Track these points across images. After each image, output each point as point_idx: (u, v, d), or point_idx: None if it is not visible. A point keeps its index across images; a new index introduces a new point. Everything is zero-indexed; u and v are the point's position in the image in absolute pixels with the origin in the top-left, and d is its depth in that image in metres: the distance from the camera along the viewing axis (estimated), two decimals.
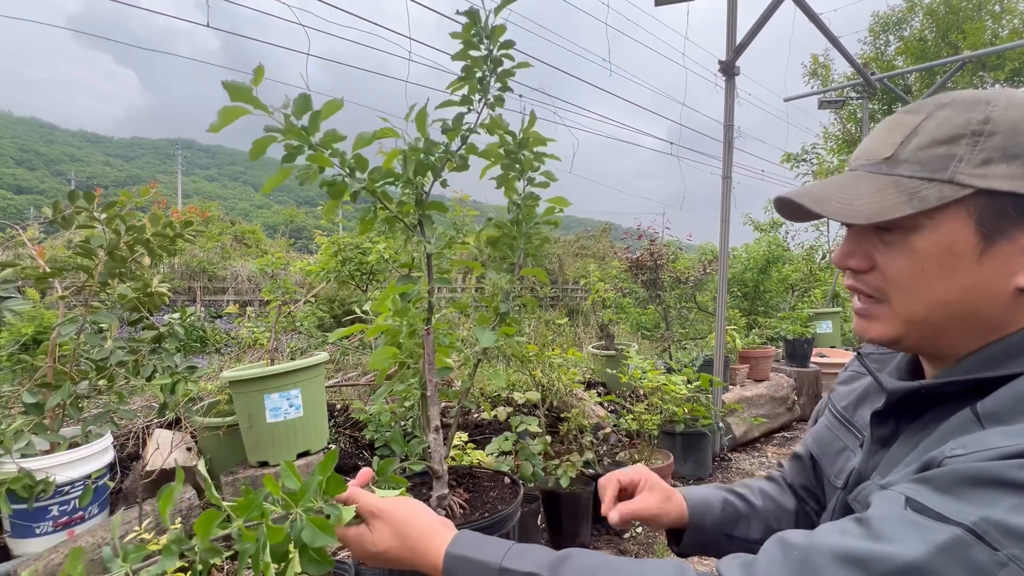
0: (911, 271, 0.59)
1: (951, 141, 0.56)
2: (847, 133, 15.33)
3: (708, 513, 0.89)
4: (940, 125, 0.57)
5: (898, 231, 0.59)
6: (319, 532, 0.72)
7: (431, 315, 1.36)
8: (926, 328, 0.61)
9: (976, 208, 0.55)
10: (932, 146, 0.57)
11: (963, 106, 0.57)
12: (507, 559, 0.65)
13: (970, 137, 0.55)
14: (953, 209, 0.56)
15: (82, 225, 2.18)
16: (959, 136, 0.56)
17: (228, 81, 0.90)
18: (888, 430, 0.68)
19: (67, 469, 2.13)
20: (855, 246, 0.64)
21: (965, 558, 0.43)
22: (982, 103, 0.56)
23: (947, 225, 0.56)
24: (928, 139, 0.58)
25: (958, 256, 0.56)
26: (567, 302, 12.45)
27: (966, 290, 0.57)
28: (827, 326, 6.62)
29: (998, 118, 0.54)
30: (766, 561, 0.54)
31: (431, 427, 1.36)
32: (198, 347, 6.14)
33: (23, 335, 2.81)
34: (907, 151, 0.59)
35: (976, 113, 0.56)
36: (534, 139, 1.39)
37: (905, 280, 0.60)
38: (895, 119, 0.62)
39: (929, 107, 0.60)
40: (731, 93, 4.04)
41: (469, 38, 1.29)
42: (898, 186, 0.58)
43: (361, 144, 1.11)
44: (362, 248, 4.09)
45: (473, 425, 3.70)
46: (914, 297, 0.60)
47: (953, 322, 0.59)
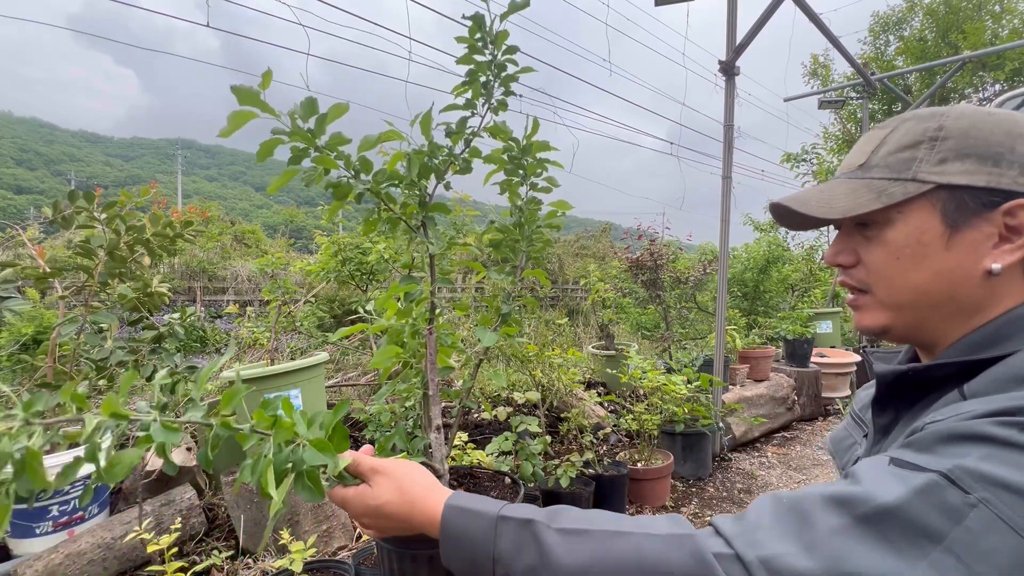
0: (888, 261, 0.66)
1: (912, 146, 0.65)
2: (847, 133, 15.33)
3: None
4: (904, 135, 0.67)
5: (875, 227, 0.67)
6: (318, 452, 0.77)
7: (434, 315, 1.36)
8: (909, 314, 0.67)
9: (939, 201, 0.63)
10: (897, 151, 0.66)
11: (922, 119, 0.67)
12: (505, 509, 0.70)
13: (928, 142, 0.64)
14: (918, 203, 0.64)
15: (82, 225, 2.18)
16: (919, 142, 0.65)
17: (237, 85, 0.91)
18: (888, 418, 0.72)
19: None
20: (843, 244, 0.72)
21: (939, 499, 0.47)
22: (937, 115, 0.65)
23: (915, 217, 0.64)
24: (894, 146, 0.67)
25: (927, 245, 0.64)
26: (567, 302, 12.45)
27: (939, 275, 0.64)
28: (827, 326, 6.62)
29: (950, 126, 0.64)
30: (756, 509, 0.57)
31: (433, 426, 1.36)
32: (198, 347, 6.14)
33: (23, 335, 2.81)
34: (877, 158, 0.68)
35: (932, 123, 0.65)
36: (537, 146, 1.40)
37: (884, 270, 0.67)
38: (869, 135, 0.72)
39: (895, 122, 0.70)
40: (731, 93, 4.04)
41: (473, 42, 1.29)
42: (870, 186, 0.67)
43: (366, 147, 1.12)
44: (362, 248, 4.09)
45: (473, 425, 3.70)
46: (893, 285, 0.67)
47: (933, 308, 0.66)
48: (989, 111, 0.64)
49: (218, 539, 2.52)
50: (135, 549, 2.21)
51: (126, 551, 2.19)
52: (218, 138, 0.96)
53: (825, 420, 5.64)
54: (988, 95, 13.67)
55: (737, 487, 3.86)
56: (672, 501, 3.58)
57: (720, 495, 3.72)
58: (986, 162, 0.61)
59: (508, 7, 1.30)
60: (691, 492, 3.74)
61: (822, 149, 15.64)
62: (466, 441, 2.85)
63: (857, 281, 0.71)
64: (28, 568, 1.98)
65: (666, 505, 3.50)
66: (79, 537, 2.13)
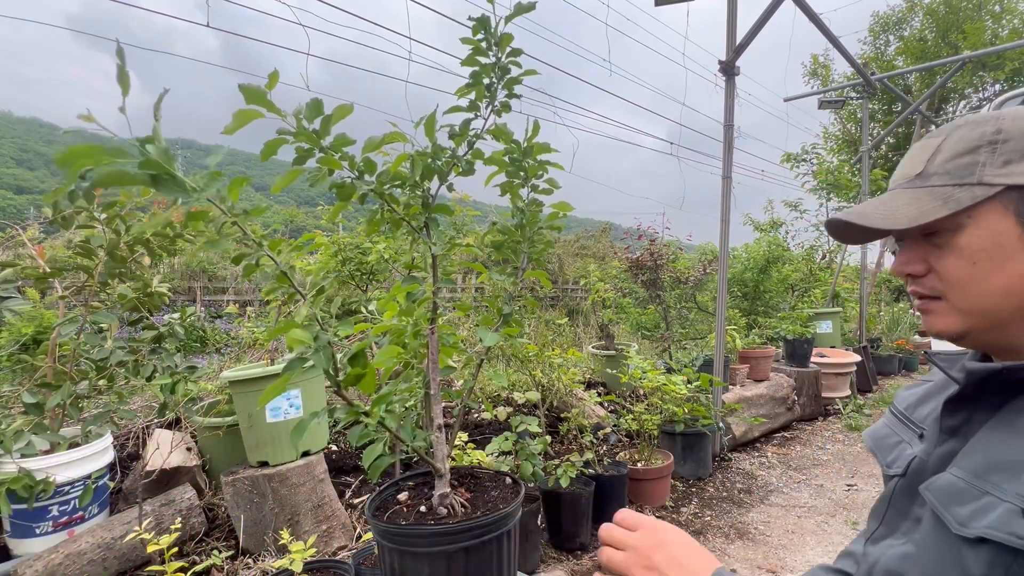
0: (964, 267, 0.64)
1: (972, 151, 0.64)
2: (847, 133, 15.33)
3: None
4: (959, 141, 0.66)
5: (944, 234, 0.65)
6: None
7: (436, 315, 1.36)
8: (990, 319, 0.65)
9: (1011, 202, 0.61)
10: (956, 157, 0.65)
11: (976, 123, 0.66)
12: None
13: (988, 146, 0.63)
14: (988, 206, 0.62)
15: (82, 225, 2.18)
16: (978, 147, 0.64)
17: (245, 84, 0.91)
18: (958, 420, 0.69)
19: (67, 469, 2.13)
20: (910, 254, 0.70)
21: None
22: (992, 119, 0.64)
23: (987, 221, 0.62)
24: (951, 153, 0.66)
25: (1004, 247, 0.62)
26: (567, 302, 12.44)
27: (1021, 277, 0.62)
28: (827, 326, 6.62)
29: (1009, 128, 0.63)
30: None
31: (434, 426, 1.37)
32: (198, 347, 6.14)
33: (23, 335, 2.81)
34: (935, 165, 0.67)
35: (988, 127, 0.64)
36: (538, 148, 1.40)
37: (960, 277, 0.65)
38: (921, 144, 0.71)
39: (948, 129, 0.69)
40: (731, 93, 4.04)
41: (478, 44, 1.30)
42: (932, 194, 0.65)
43: (370, 148, 1.13)
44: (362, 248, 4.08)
45: (473, 425, 3.70)
46: (972, 291, 0.65)
47: (1015, 310, 0.64)
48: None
49: (218, 539, 2.51)
50: (135, 549, 2.21)
51: (126, 551, 2.19)
52: (220, 136, 0.96)
53: (825, 420, 5.64)
54: (988, 95, 13.68)
55: (737, 487, 3.86)
56: (672, 501, 3.58)
57: (720, 495, 3.72)
58: None
59: (513, 9, 1.30)
60: (691, 492, 3.74)
61: (822, 149, 15.62)
62: (466, 441, 2.84)
63: (929, 289, 0.69)
64: (28, 568, 1.98)
65: (666, 505, 3.50)
66: (79, 537, 2.13)
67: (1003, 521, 0.54)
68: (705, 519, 3.38)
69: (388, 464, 1.31)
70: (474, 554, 1.24)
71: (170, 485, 2.55)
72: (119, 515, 2.31)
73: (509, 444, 2.81)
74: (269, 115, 0.97)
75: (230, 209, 0.99)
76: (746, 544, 3.10)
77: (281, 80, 1.00)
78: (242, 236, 1.02)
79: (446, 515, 1.30)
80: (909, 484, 0.73)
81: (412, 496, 1.43)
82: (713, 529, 3.26)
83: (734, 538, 3.17)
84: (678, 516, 3.39)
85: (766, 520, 3.40)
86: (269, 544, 2.40)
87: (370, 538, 2.53)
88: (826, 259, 8.64)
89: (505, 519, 1.29)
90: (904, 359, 8.07)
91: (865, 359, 6.66)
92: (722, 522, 3.35)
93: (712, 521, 3.36)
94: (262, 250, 1.06)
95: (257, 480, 2.43)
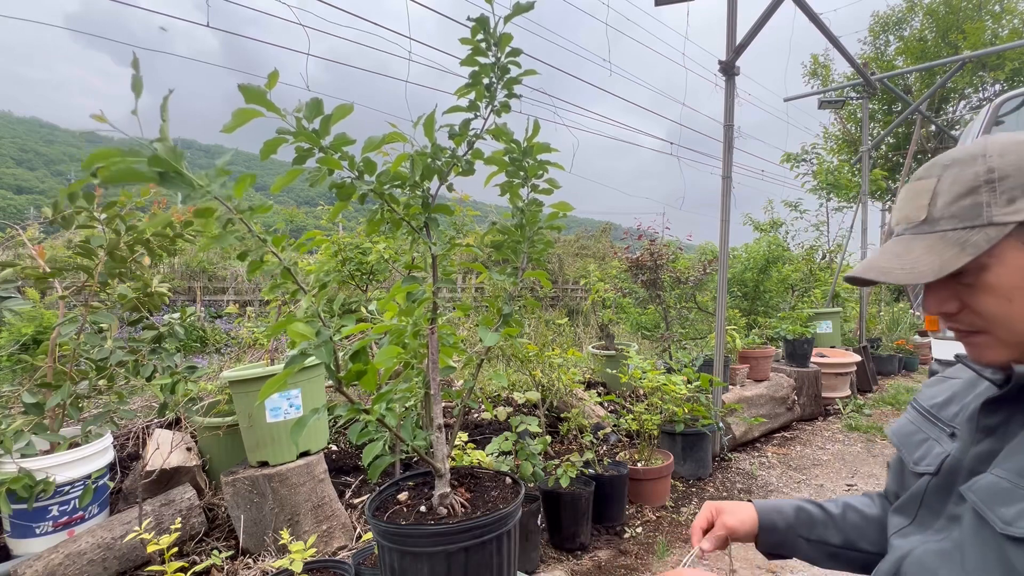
0: (1001, 305, 0.66)
1: (972, 192, 0.66)
2: (847, 133, 15.33)
3: (779, 516, 0.99)
4: (954, 182, 0.68)
5: (970, 274, 0.67)
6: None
7: (436, 315, 1.36)
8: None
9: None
10: (957, 200, 0.67)
11: (964, 163, 0.68)
12: None
13: (986, 185, 0.65)
14: (1007, 243, 0.64)
15: (82, 225, 2.18)
16: (976, 187, 0.66)
17: (244, 84, 0.91)
18: (997, 420, 0.71)
19: (67, 469, 2.13)
20: (941, 294, 0.72)
21: None
22: (979, 156, 0.67)
23: (1009, 258, 0.65)
24: (950, 196, 0.68)
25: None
26: (567, 302, 12.45)
27: None
28: (827, 326, 6.62)
29: (1000, 165, 0.65)
30: None
31: (434, 426, 1.37)
32: (198, 347, 6.14)
33: (23, 335, 2.81)
34: (938, 209, 0.69)
35: (979, 166, 0.66)
36: (537, 148, 1.40)
37: (1000, 313, 0.67)
38: (911, 187, 0.73)
39: (936, 170, 0.70)
40: (731, 93, 4.04)
41: (477, 44, 1.30)
42: (945, 240, 0.67)
43: (370, 148, 1.13)
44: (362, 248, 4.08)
45: (473, 425, 3.70)
46: (1013, 325, 0.67)
47: None
48: (1018, 139, 0.66)
49: (218, 539, 2.52)
50: (135, 549, 2.21)
51: (126, 551, 2.19)
52: (220, 136, 0.96)
53: (825, 420, 5.64)
54: (988, 95, 13.68)
55: (737, 487, 3.86)
56: (672, 501, 3.58)
57: (720, 495, 3.72)
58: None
59: (512, 9, 1.30)
60: (691, 492, 3.74)
61: (822, 149, 15.62)
62: (466, 441, 2.84)
63: (968, 325, 0.71)
64: (28, 568, 1.98)
65: (666, 505, 3.50)
66: (79, 537, 2.13)
67: None
68: None
69: (388, 464, 1.31)
70: (474, 554, 1.24)
71: (170, 485, 2.55)
72: (119, 515, 2.31)
73: (509, 444, 2.82)
74: (269, 114, 0.97)
75: (236, 207, 1.00)
76: (746, 544, 3.10)
77: (281, 80, 1.00)
78: (246, 232, 1.02)
79: (446, 515, 1.30)
80: (943, 483, 0.75)
81: (412, 496, 1.43)
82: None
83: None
84: (678, 516, 3.39)
85: None
86: (269, 544, 2.41)
87: (370, 538, 2.53)
88: (826, 259, 8.64)
89: (505, 519, 1.29)
90: (904, 359, 8.07)
91: (865, 359, 6.67)
92: None
93: None
94: (266, 246, 1.07)
95: (257, 480, 2.43)
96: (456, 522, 1.25)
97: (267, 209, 1.05)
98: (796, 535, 0.99)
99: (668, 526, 3.26)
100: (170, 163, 0.86)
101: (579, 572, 2.76)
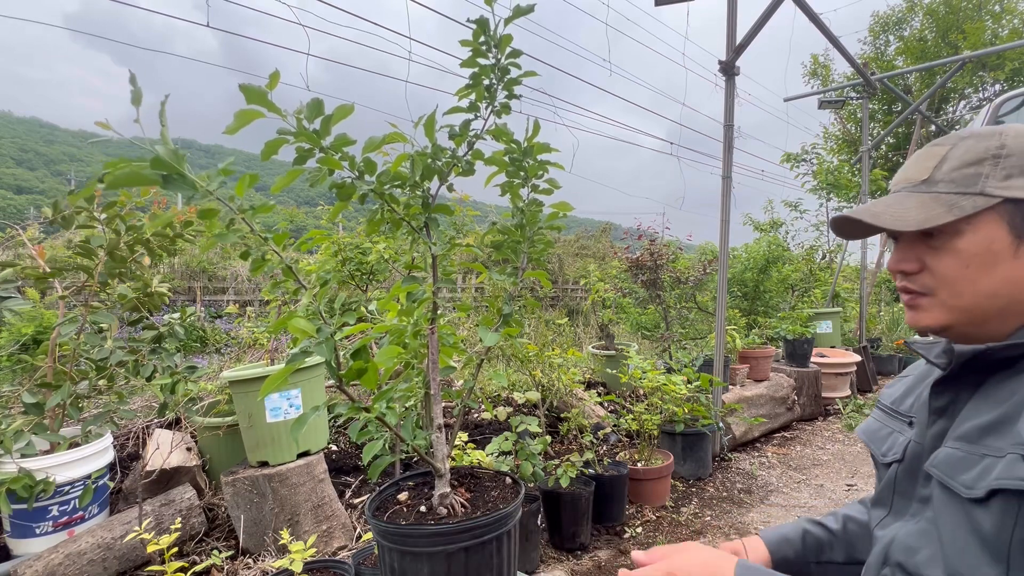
0: (958, 269, 0.71)
1: (977, 163, 0.70)
2: (847, 133, 15.33)
3: (789, 547, 1.01)
4: (966, 152, 0.71)
5: (943, 237, 0.71)
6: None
7: (436, 315, 1.36)
8: (973, 314, 0.72)
9: (1007, 213, 0.68)
10: (962, 167, 0.71)
11: (981, 137, 0.72)
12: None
13: (991, 159, 0.69)
14: (987, 215, 0.69)
15: (82, 225, 2.18)
16: (983, 159, 0.70)
17: (245, 84, 0.91)
18: (945, 400, 0.76)
19: (67, 469, 2.13)
20: (907, 252, 0.76)
21: None
22: (996, 134, 0.70)
23: (984, 229, 0.69)
24: (958, 163, 0.72)
25: (997, 254, 0.69)
26: (567, 302, 12.45)
27: (1008, 281, 0.69)
28: (827, 326, 6.62)
29: (1012, 144, 0.69)
30: None
31: (434, 426, 1.36)
32: (198, 347, 6.14)
33: (23, 335, 2.81)
34: (941, 173, 0.73)
35: (993, 141, 0.70)
36: (538, 148, 1.40)
37: (953, 276, 0.71)
38: (926, 150, 0.76)
39: (953, 139, 0.74)
40: (731, 93, 4.04)
41: (477, 46, 1.30)
42: (938, 200, 0.71)
43: (370, 148, 1.13)
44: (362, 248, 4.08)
45: (473, 425, 3.70)
46: (959, 288, 0.71)
47: (998, 309, 0.70)
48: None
49: (218, 539, 2.52)
50: (135, 549, 2.21)
51: (126, 551, 2.19)
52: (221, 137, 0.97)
53: (825, 420, 5.64)
54: (988, 95, 13.68)
55: (737, 487, 3.86)
56: (672, 501, 3.58)
57: (720, 495, 3.72)
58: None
59: (512, 11, 1.30)
60: (691, 492, 3.74)
61: (822, 149, 15.61)
62: (466, 441, 2.85)
63: (921, 286, 0.75)
64: (28, 568, 1.98)
65: (666, 505, 3.50)
66: (79, 537, 2.13)
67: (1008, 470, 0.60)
68: (705, 519, 3.38)
69: (388, 463, 1.31)
70: (474, 554, 1.24)
71: (170, 485, 2.55)
72: (119, 515, 2.31)
73: (509, 444, 2.82)
74: (270, 115, 0.97)
75: (238, 207, 1.02)
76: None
77: (281, 80, 1.00)
78: (248, 232, 1.04)
79: (446, 515, 1.30)
80: (910, 467, 0.79)
81: (412, 496, 1.43)
82: (713, 529, 3.26)
83: (734, 538, 3.16)
84: (678, 516, 3.39)
85: (766, 520, 3.40)
86: (269, 544, 2.41)
87: (370, 538, 2.53)
88: (826, 259, 8.64)
89: (505, 519, 1.29)
90: (904, 359, 8.06)
91: (865, 359, 6.66)
92: (722, 522, 3.35)
93: (712, 521, 3.36)
94: (267, 244, 1.08)
95: (257, 480, 2.43)
96: (456, 522, 1.25)
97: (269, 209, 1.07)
98: (806, 562, 1.00)
99: (668, 526, 3.26)
100: (173, 166, 0.88)
101: (579, 572, 2.76)
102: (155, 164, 0.87)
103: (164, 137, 0.88)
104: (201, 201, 0.95)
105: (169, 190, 0.90)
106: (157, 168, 0.87)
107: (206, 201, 0.96)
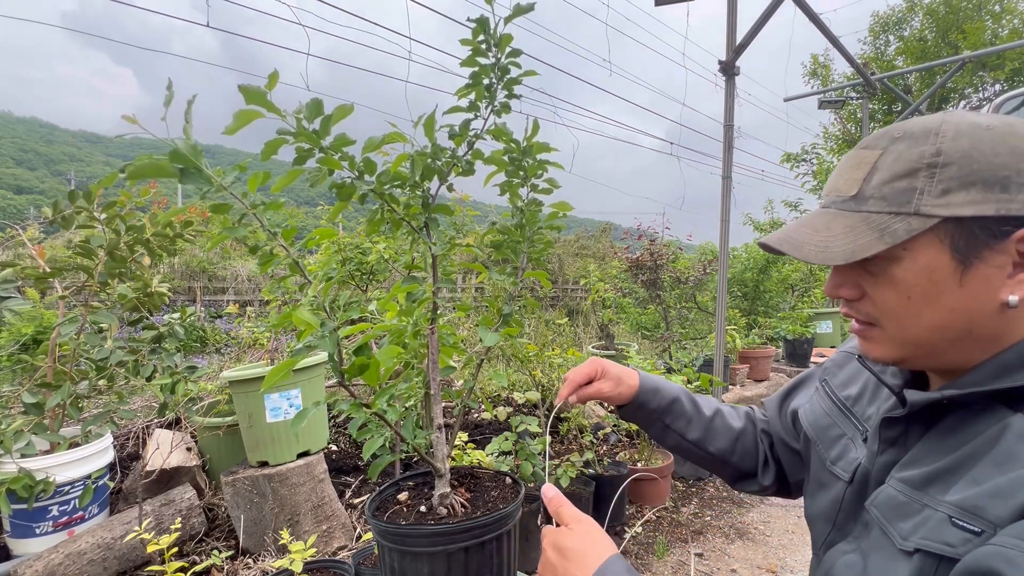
0: (898, 300, 0.62)
1: (910, 175, 0.60)
2: (847, 133, 15.33)
3: (655, 399, 1.04)
4: (896, 160, 0.61)
5: (880, 262, 0.62)
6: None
7: (436, 315, 1.36)
8: (924, 348, 0.64)
9: (947, 235, 0.58)
10: (893, 180, 0.61)
11: (914, 140, 0.61)
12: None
13: (926, 170, 0.59)
14: (925, 238, 0.59)
15: (82, 225, 2.17)
16: (916, 170, 0.59)
17: (245, 85, 0.92)
18: (896, 432, 0.70)
19: (67, 469, 2.13)
20: (844, 278, 0.68)
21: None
22: (931, 134, 0.60)
23: (923, 254, 0.59)
24: (888, 174, 0.61)
25: (939, 283, 0.59)
26: (567, 302, 12.45)
27: (955, 312, 0.60)
28: (827, 326, 6.62)
29: (948, 149, 0.58)
30: None
31: (434, 426, 1.36)
32: (198, 347, 6.14)
33: (23, 335, 2.81)
34: (870, 187, 0.63)
35: (927, 146, 0.59)
36: (537, 147, 1.40)
37: (894, 308, 0.63)
38: (854, 155, 0.67)
39: (884, 142, 0.64)
40: (731, 93, 4.04)
41: (477, 45, 1.29)
42: (868, 223, 0.61)
43: (370, 148, 1.13)
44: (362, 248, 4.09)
45: (473, 425, 3.70)
46: (904, 323, 0.63)
47: (949, 341, 0.62)
48: (986, 125, 0.58)
49: (218, 539, 2.52)
50: (135, 549, 2.21)
51: (126, 551, 2.19)
52: (220, 137, 0.97)
53: None
54: (988, 95, 13.68)
55: None
56: (672, 501, 3.58)
57: (720, 495, 3.72)
58: (993, 188, 0.56)
59: (512, 10, 1.30)
60: (691, 492, 3.74)
61: (822, 149, 15.63)
62: (466, 441, 2.85)
63: (864, 315, 0.67)
64: (28, 568, 1.98)
65: (666, 505, 3.50)
66: (79, 537, 2.13)
67: (936, 531, 0.56)
68: (705, 519, 3.38)
69: (388, 463, 1.31)
70: (474, 554, 1.24)
71: (170, 485, 2.55)
72: (119, 515, 2.31)
73: (509, 444, 2.81)
74: (269, 115, 0.97)
75: (251, 203, 1.05)
76: (746, 544, 3.10)
77: (281, 80, 1.00)
78: (258, 226, 1.07)
79: (446, 515, 1.30)
80: (857, 490, 0.74)
81: (412, 496, 1.43)
82: (713, 529, 3.26)
83: (734, 538, 3.17)
84: (678, 516, 3.39)
85: (766, 520, 3.40)
86: (269, 544, 2.40)
87: (370, 538, 2.53)
88: None
89: (505, 519, 1.29)
90: None
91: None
92: (722, 522, 3.35)
93: (712, 521, 3.36)
94: (276, 240, 1.11)
95: (257, 480, 2.43)
96: (456, 522, 1.25)
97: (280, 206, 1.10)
98: (659, 418, 1.04)
99: (668, 526, 3.26)
100: (190, 160, 0.92)
101: None
102: (174, 157, 0.90)
103: (187, 133, 0.93)
104: (215, 195, 0.99)
105: (185, 183, 0.94)
106: (176, 161, 0.91)
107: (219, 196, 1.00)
